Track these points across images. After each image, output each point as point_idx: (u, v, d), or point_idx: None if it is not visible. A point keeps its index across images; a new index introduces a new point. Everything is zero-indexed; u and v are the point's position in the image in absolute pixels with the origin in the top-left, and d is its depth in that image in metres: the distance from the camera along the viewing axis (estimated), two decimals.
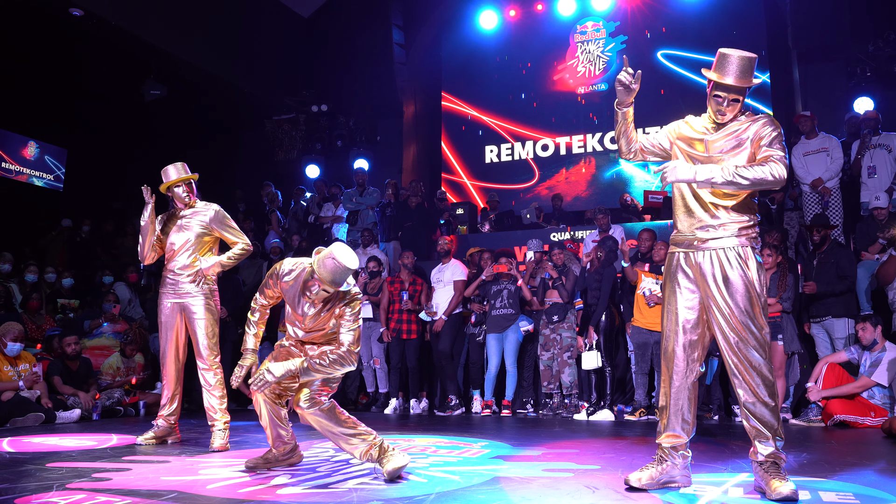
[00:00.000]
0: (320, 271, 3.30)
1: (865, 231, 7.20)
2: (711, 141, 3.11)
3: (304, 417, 3.40)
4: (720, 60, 3.04)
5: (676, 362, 3.14)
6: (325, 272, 3.29)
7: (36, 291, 8.25)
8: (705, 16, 11.13)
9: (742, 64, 2.99)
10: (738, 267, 3.01)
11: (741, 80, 3.00)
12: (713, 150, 3.11)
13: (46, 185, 11.64)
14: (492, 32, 12.68)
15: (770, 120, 3.07)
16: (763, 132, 3.02)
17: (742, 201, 3.08)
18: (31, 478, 3.44)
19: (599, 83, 11.90)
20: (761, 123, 3.05)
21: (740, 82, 3.00)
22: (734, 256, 3.03)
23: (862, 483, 3.22)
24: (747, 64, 3.00)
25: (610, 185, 11.57)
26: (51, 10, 9.60)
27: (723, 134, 3.10)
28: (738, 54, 3.00)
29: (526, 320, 7.28)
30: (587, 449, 4.47)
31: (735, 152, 3.06)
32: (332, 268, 3.28)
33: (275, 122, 13.24)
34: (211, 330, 4.79)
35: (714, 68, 3.06)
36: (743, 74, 3.00)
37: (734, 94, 3.03)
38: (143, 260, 4.94)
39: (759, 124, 3.05)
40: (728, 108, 3.06)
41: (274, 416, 3.59)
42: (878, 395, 5.81)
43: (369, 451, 3.42)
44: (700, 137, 3.15)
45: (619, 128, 3.33)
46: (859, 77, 9.79)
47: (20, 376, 6.36)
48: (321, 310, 3.48)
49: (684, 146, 3.20)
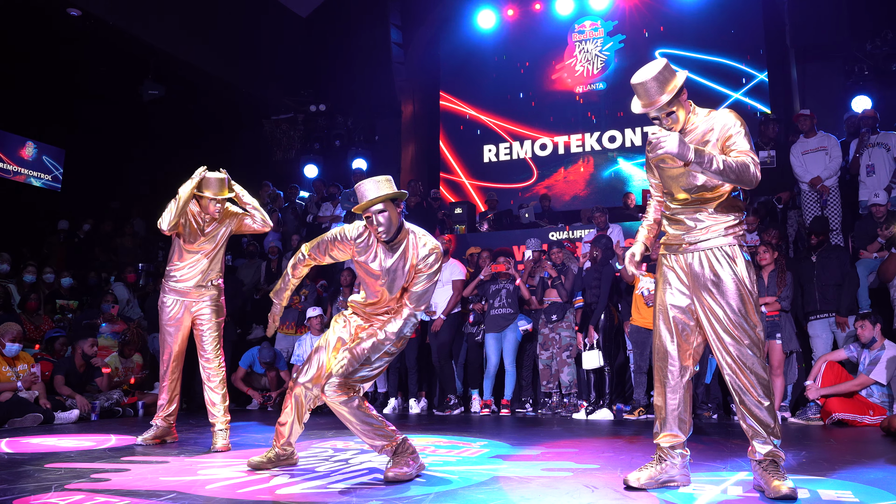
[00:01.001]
0: (359, 192, 3.33)
1: (864, 230, 7.20)
2: None
3: (332, 405, 3.34)
4: (636, 91, 3.05)
5: (671, 362, 3.15)
6: (361, 191, 3.32)
7: (34, 292, 8.24)
8: (703, 15, 11.14)
9: (652, 84, 2.99)
10: (727, 266, 3.02)
11: (659, 98, 3.00)
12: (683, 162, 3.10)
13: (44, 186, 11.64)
14: (490, 32, 12.69)
15: (733, 114, 3.06)
16: (730, 129, 3.02)
17: (726, 200, 3.09)
18: (29, 478, 3.43)
19: (597, 82, 11.90)
20: (725, 119, 3.04)
21: (660, 100, 3.00)
22: (722, 256, 3.04)
23: (861, 481, 3.22)
24: (658, 78, 3.00)
25: (608, 184, 11.58)
26: (48, 11, 9.60)
27: (690, 138, 3.09)
28: (644, 78, 3.00)
29: (525, 319, 7.28)
30: (586, 448, 4.47)
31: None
32: (363, 187, 3.31)
33: (273, 121, 13.24)
34: (217, 329, 4.78)
35: (636, 100, 3.08)
36: (660, 90, 3.00)
37: (665, 110, 3.04)
38: (167, 228, 4.64)
39: (721, 122, 3.04)
40: (669, 123, 3.07)
41: (298, 417, 3.60)
42: (877, 394, 5.81)
43: (387, 448, 3.39)
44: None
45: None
46: (857, 76, 9.81)
47: (18, 377, 6.35)
48: (397, 260, 3.41)
49: (661, 165, 3.21)
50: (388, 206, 3.32)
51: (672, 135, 2.89)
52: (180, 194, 4.66)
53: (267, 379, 8.12)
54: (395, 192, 3.33)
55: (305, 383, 3.54)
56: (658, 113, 3.05)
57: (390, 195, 3.31)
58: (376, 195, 3.29)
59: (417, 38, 13.02)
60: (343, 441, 4.79)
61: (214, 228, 4.83)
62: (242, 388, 8.08)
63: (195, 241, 4.78)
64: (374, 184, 3.33)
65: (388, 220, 3.32)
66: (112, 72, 11.05)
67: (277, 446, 3.70)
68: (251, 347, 8.20)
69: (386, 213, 3.31)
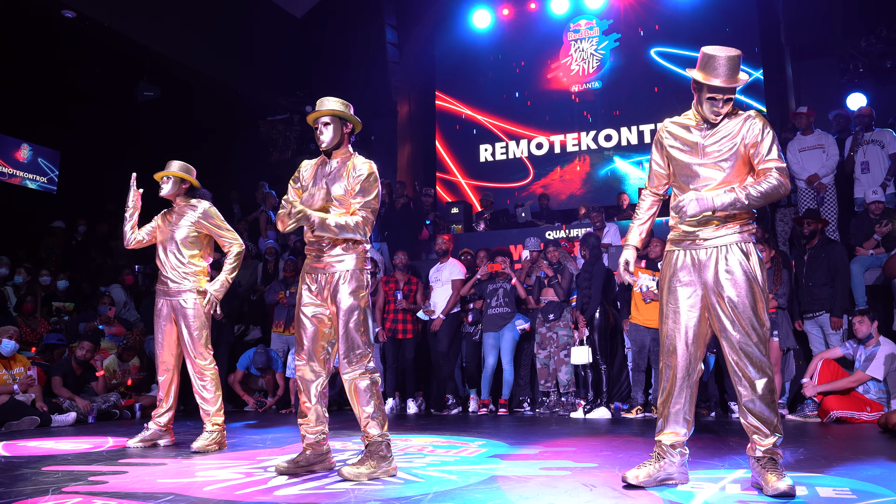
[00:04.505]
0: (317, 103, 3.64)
1: (859, 227, 7.22)
2: (707, 146, 3.09)
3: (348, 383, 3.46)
4: (708, 62, 3.01)
5: (678, 360, 3.13)
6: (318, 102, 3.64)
7: (31, 294, 8.21)
8: (698, 13, 11.16)
9: (731, 64, 2.98)
10: (741, 261, 3.01)
11: (733, 80, 2.99)
12: (709, 156, 3.08)
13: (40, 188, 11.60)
14: (485, 31, 12.70)
15: (760, 119, 3.05)
16: (757, 136, 3.01)
17: None
18: (26, 482, 3.42)
19: (593, 81, 11.91)
20: (752, 124, 3.03)
21: (732, 82, 2.99)
22: (737, 251, 3.03)
23: (859, 478, 3.22)
24: (736, 62, 3.00)
25: (605, 182, 11.59)
26: (43, 12, 9.57)
27: (717, 137, 3.07)
28: (726, 54, 2.98)
29: (522, 319, 7.28)
30: (584, 447, 4.47)
31: (731, 155, 3.04)
32: (321, 99, 3.63)
33: (269, 122, 13.22)
34: (199, 326, 4.73)
35: (701, 68, 3.04)
36: (733, 73, 3.00)
37: (728, 94, 3.02)
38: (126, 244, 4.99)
39: (749, 124, 3.03)
40: (724, 109, 3.05)
41: (321, 413, 3.60)
42: (874, 390, 5.83)
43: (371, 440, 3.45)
44: (695, 141, 3.12)
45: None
46: (852, 73, 9.83)
47: (15, 380, 6.34)
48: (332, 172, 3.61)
49: (677, 149, 3.17)
50: (335, 121, 3.61)
51: (689, 199, 2.95)
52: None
53: (264, 381, 8.11)
54: (346, 112, 3.61)
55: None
56: (727, 95, 3.01)
57: (338, 111, 3.60)
58: (328, 108, 3.59)
59: (413, 38, 13.01)
60: (341, 441, 4.78)
61: (177, 219, 4.86)
62: (239, 392, 8.07)
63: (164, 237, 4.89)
64: (331, 101, 3.63)
65: (332, 133, 3.61)
66: (107, 73, 11.02)
67: (308, 449, 3.63)
68: (248, 349, 8.18)
69: (331, 125, 3.60)
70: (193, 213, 4.84)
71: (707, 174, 3.09)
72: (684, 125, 3.19)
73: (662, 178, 3.34)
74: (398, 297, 7.60)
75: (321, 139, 3.62)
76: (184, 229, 4.82)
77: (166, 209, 5.00)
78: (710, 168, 3.08)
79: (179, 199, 4.89)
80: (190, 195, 4.93)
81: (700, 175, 3.10)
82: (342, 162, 3.65)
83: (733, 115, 3.09)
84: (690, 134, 3.14)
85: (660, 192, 3.39)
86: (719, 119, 3.07)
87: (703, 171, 3.10)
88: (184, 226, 4.83)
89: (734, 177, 3.06)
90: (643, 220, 3.42)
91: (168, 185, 4.87)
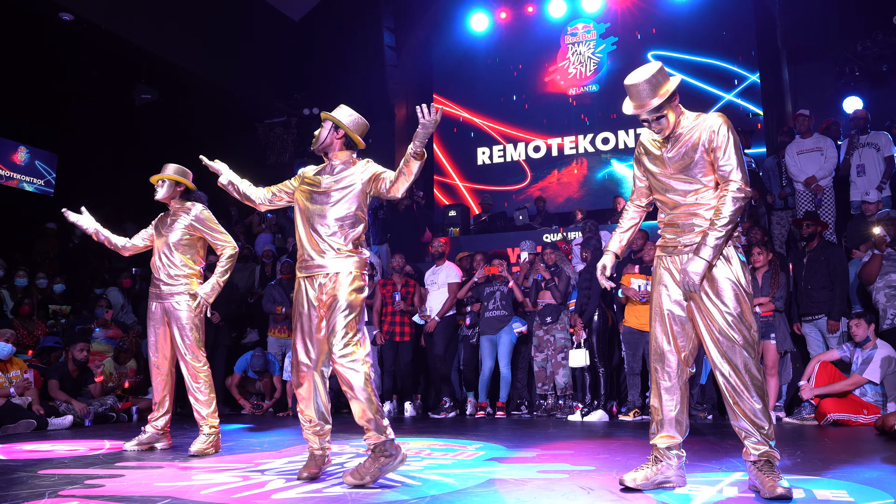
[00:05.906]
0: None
1: (856, 229, 7.23)
2: (669, 158, 3.14)
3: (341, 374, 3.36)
4: (629, 91, 3.10)
5: (667, 363, 3.15)
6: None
7: (27, 297, 8.19)
8: (695, 16, 11.18)
9: (647, 86, 3.03)
10: (722, 267, 3.03)
11: (650, 101, 3.04)
12: (673, 168, 3.13)
13: (37, 191, 11.59)
14: (482, 34, 12.71)
15: (717, 122, 3.05)
16: (716, 140, 3.01)
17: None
18: (22, 485, 3.41)
19: (590, 84, 11.93)
20: (710, 127, 3.04)
21: (646, 105, 3.04)
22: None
23: (856, 481, 3.23)
24: (653, 80, 3.04)
25: (602, 185, 11.60)
26: (40, 15, 9.56)
27: (675, 148, 3.12)
28: (637, 80, 3.05)
29: (519, 322, 7.28)
30: (582, 450, 4.47)
31: (695, 164, 3.06)
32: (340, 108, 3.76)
33: (266, 125, 13.21)
34: (191, 328, 4.73)
35: (628, 101, 3.13)
36: (651, 93, 3.04)
37: (655, 113, 3.07)
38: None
39: (708, 127, 3.04)
40: (659, 126, 3.10)
41: (326, 411, 3.60)
42: (871, 393, 5.84)
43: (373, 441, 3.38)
44: (658, 154, 3.19)
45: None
46: (848, 76, 9.84)
47: (11, 383, 6.32)
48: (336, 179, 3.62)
49: (650, 163, 3.23)
50: (336, 132, 3.69)
51: (689, 273, 2.96)
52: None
53: (261, 384, 8.10)
54: (352, 132, 3.67)
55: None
56: (648, 116, 3.08)
57: (348, 127, 3.66)
58: (341, 120, 3.68)
59: (410, 41, 13.02)
60: (339, 445, 4.78)
61: (171, 222, 4.87)
62: (235, 395, 8.06)
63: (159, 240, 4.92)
64: (348, 114, 3.73)
65: (324, 137, 3.71)
66: (104, 76, 11.01)
67: (321, 450, 3.61)
68: (246, 352, 8.17)
69: (328, 130, 3.71)
70: (187, 217, 4.85)
71: (679, 186, 3.13)
72: (653, 139, 3.24)
73: (644, 192, 3.38)
74: (396, 298, 7.60)
75: (317, 142, 3.79)
76: (177, 232, 4.83)
77: (163, 212, 5.02)
78: (681, 181, 3.12)
79: (174, 202, 4.91)
80: (185, 198, 4.94)
81: (674, 187, 3.15)
82: (344, 166, 3.74)
83: (693, 124, 3.11)
84: (657, 149, 3.20)
85: (643, 204, 3.42)
86: (667, 133, 3.12)
87: (675, 183, 3.15)
88: (177, 229, 4.84)
89: (710, 182, 3.08)
90: (625, 229, 3.46)
91: (163, 189, 4.89)
